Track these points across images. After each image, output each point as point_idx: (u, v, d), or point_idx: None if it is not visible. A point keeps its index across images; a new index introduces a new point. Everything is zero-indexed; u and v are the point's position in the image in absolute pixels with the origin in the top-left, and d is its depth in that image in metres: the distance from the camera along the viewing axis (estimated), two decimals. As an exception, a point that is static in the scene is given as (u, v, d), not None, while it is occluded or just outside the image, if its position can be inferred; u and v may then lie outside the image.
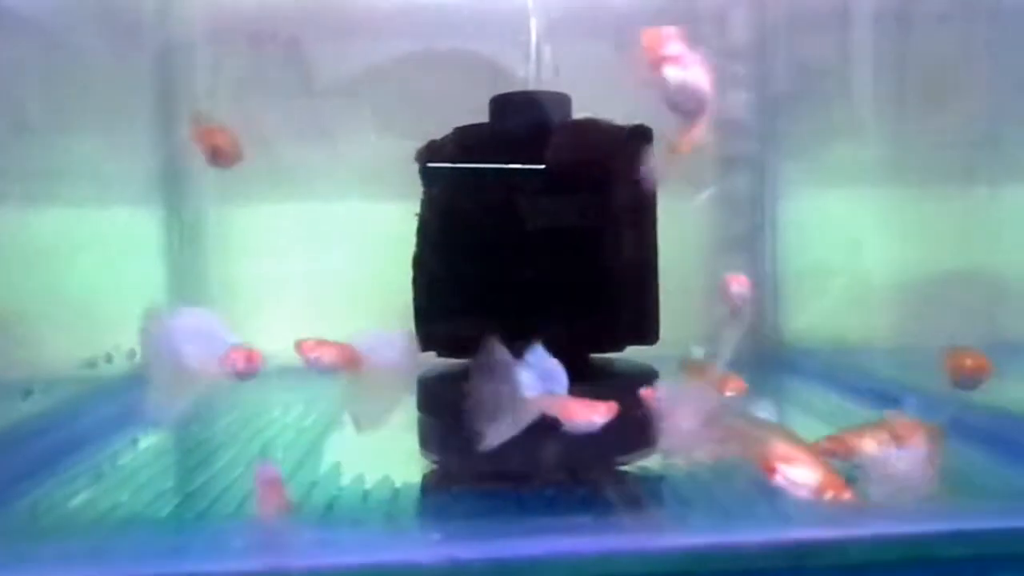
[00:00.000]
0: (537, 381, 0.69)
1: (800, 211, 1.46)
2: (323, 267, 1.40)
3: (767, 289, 1.43)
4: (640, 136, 0.92)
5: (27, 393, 0.83)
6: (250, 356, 0.68)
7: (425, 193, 0.94)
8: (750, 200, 1.48)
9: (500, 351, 0.68)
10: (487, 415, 0.69)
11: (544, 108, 0.92)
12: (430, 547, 0.49)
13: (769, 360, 1.32)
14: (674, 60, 0.68)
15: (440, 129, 0.93)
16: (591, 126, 0.90)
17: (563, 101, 0.92)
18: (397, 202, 0.93)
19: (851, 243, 1.32)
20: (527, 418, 0.67)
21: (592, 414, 0.66)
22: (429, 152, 0.94)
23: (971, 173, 1.25)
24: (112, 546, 0.50)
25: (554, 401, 0.66)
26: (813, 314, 1.35)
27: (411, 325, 0.92)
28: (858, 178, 1.36)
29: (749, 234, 1.46)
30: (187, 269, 1.36)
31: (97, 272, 1.15)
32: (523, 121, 0.91)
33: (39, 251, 1.05)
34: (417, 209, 0.94)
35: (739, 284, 0.90)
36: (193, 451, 0.85)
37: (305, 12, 1.44)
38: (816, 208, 1.44)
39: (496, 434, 0.66)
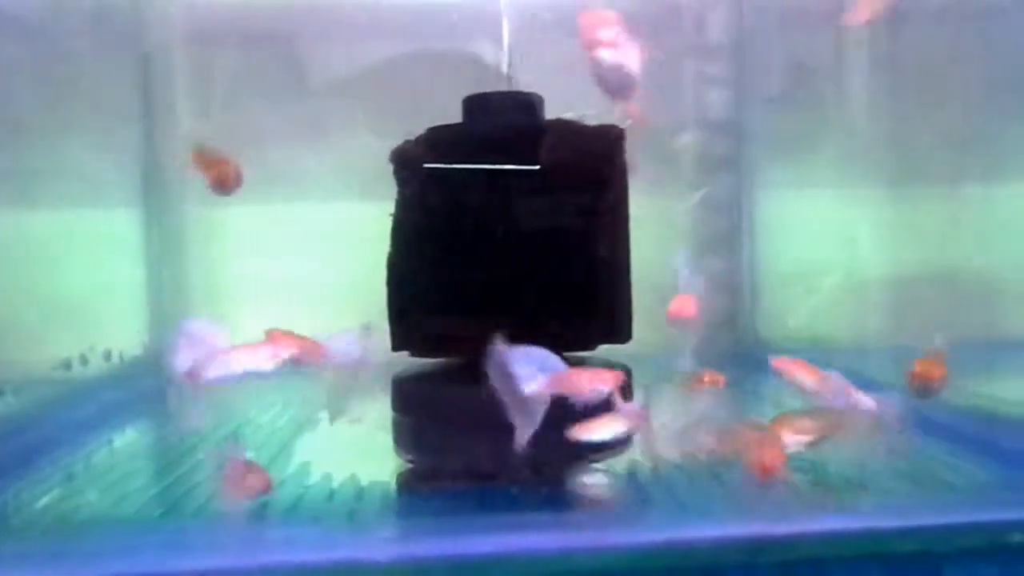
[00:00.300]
0: (536, 372, 0.69)
1: (780, 212, 1.47)
2: (306, 268, 1.40)
3: (746, 289, 1.44)
4: (612, 137, 0.93)
5: (-1, 393, 0.84)
6: None
7: (399, 193, 0.94)
8: (728, 201, 1.48)
9: (499, 353, 0.68)
10: (511, 414, 0.70)
11: (516, 109, 0.92)
12: (385, 544, 0.49)
13: (746, 359, 1.33)
14: (608, 43, 0.69)
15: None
16: (565, 127, 0.91)
17: (536, 102, 0.93)
18: (381, 202, 0.94)
19: (847, 241, 1.33)
20: (540, 408, 0.67)
21: (599, 384, 0.67)
22: (402, 153, 0.94)
23: (957, 173, 1.26)
24: (71, 547, 0.51)
25: (560, 379, 0.67)
26: (793, 313, 1.36)
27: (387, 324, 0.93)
28: (840, 178, 1.37)
29: (728, 234, 1.47)
30: (168, 270, 1.36)
31: (76, 273, 1.15)
32: (495, 121, 0.91)
33: (17, 252, 1.05)
34: (392, 210, 0.95)
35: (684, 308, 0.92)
36: (166, 452, 0.86)
37: (292, 12, 1.45)
38: (796, 208, 1.45)
39: (521, 432, 0.66)
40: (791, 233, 1.43)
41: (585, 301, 0.89)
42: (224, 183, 0.94)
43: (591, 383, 0.68)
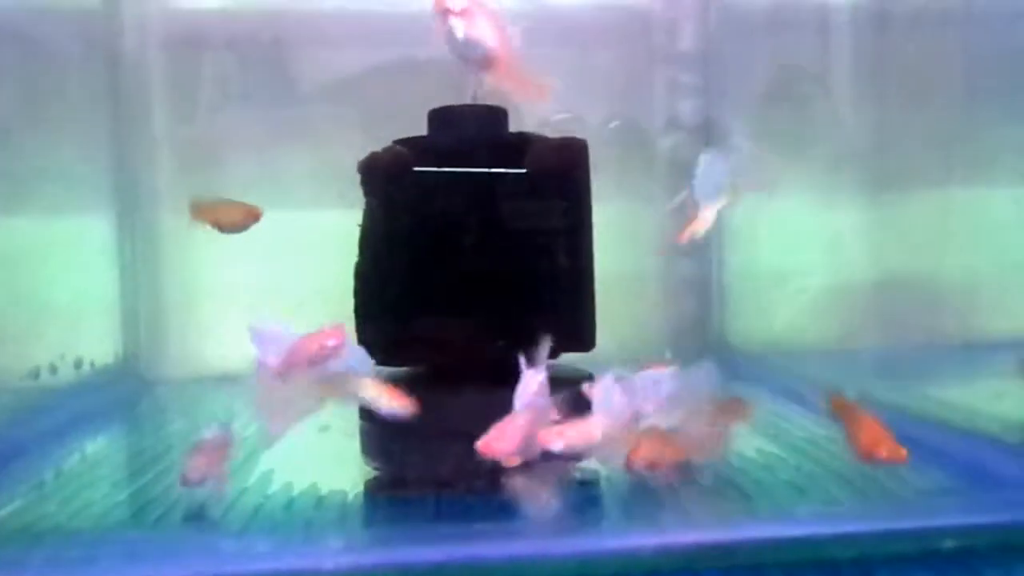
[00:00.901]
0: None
1: (752, 216, 1.49)
2: (282, 274, 1.40)
3: (715, 294, 1.46)
4: (575, 148, 0.95)
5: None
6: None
7: (366, 203, 0.96)
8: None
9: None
10: None
11: (481, 121, 0.94)
12: (335, 554, 0.50)
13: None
14: (459, 13, 0.69)
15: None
16: (527, 139, 0.93)
17: (500, 114, 0.94)
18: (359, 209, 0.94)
19: (824, 245, 1.34)
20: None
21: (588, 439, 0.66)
22: (369, 163, 0.96)
23: (939, 176, 1.28)
24: (27, 557, 0.52)
25: (548, 434, 0.66)
26: (767, 317, 1.38)
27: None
28: (815, 182, 1.38)
29: (698, 240, 1.49)
30: (142, 277, 1.36)
31: (48, 280, 1.15)
32: (459, 134, 0.93)
33: None
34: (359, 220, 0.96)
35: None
36: (132, 460, 0.86)
37: (273, 18, 1.45)
38: (770, 212, 1.47)
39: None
40: (764, 237, 1.45)
41: (547, 310, 0.91)
42: (226, 226, 0.96)
43: (582, 438, 0.66)
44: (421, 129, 0.95)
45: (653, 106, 1.53)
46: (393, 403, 0.72)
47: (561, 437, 0.65)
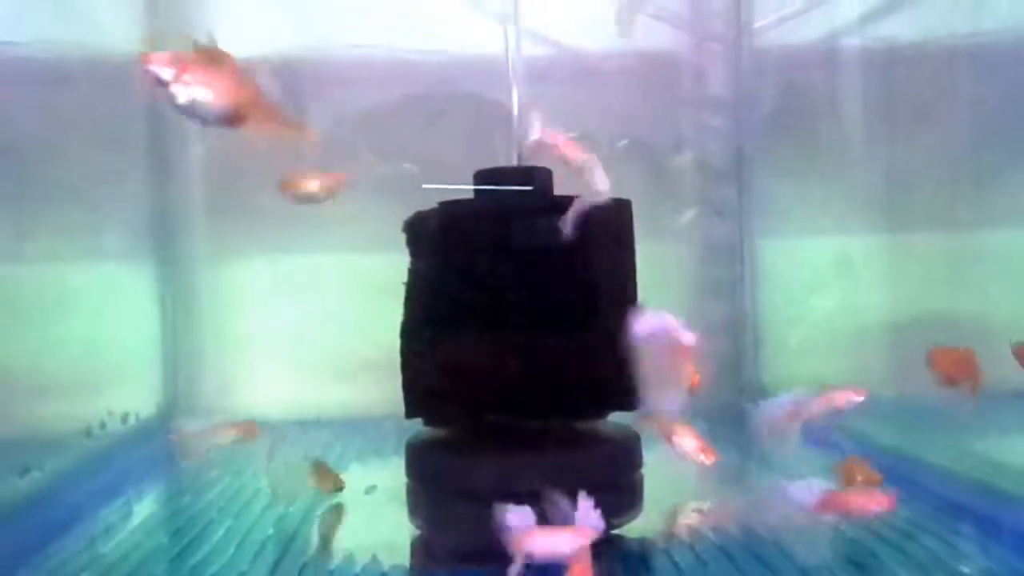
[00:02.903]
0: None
1: (778, 258, 1.50)
2: (313, 320, 1.42)
3: (747, 336, 1.46)
4: (620, 210, 0.96)
5: (24, 471, 0.85)
6: None
7: (411, 263, 0.97)
8: (728, 247, 1.51)
9: None
10: None
11: (525, 182, 0.95)
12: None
13: (748, 411, 1.35)
14: (174, 77, 0.62)
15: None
16: (573, 203, 0.93)
17: (544, 176, 0.95)
18: (390, 254, 0.95)
19: (848, 286, 1.34)
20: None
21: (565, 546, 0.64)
22: (414, 224, 0.97)
23: (950, 218, 1.28)
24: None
25: (521, 538, 0.64)
26: (790, 361, 1.38)
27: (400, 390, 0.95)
28: (840, 224, 1.39)
29: (729, 281, 1.50)
30: (180, 325, 1.38)
31: (90, 328, 1.17)
32: (505, 195, 0.94)
33: (30, 307, 1.06)
34: (405, 277, 0.97)
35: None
36: (185, 528, 0.86)
37: (305, 63, 1.47)
38: (796, 254, 1.48)
39: None
40: (797, 278, 1.45)
41: (594, 371, 0.91)
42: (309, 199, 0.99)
43: (556, 546, 0.64)
44: (461, 179, 0.96)
45: (681, 149, 1.54)
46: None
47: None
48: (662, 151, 1.53)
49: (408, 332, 0.96)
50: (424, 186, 1.40)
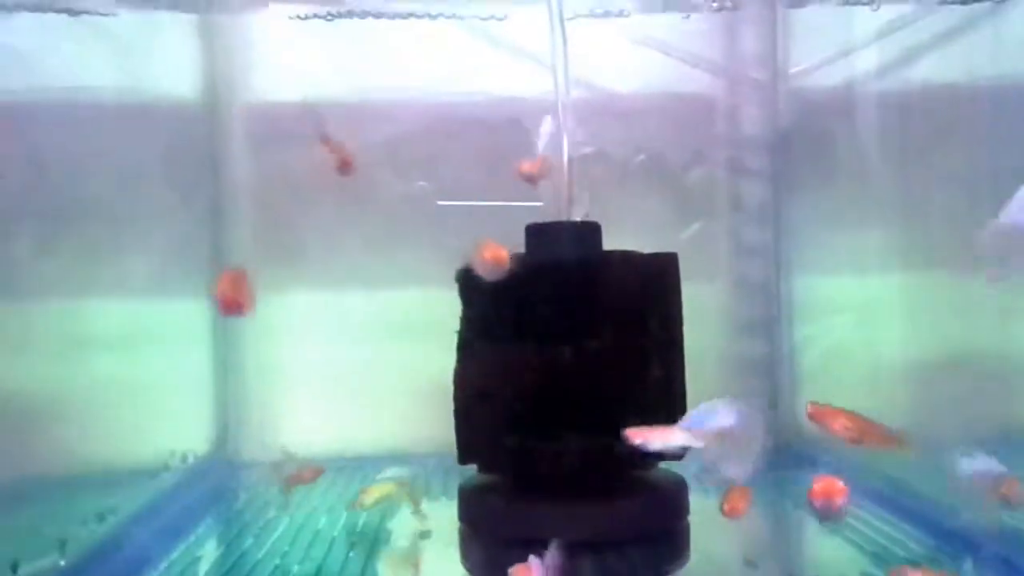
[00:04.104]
0: None
1: (816, 296, 1.51)
2: (366, 356, 1.45)
3: (784, 377, 1.48)
4: (667, 262, 0.99)
5: (101, 516, 0.88)
6: None
7: (463, 311, 1.00)
8: (764, 286, 1.53)
9: None
10: None
11: (575, 236, 0.98)
12: None
13: (787, 454, 1.36)
14: None
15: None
16: (623, 257, 0.96)
17: (594, 230, 0.99)
18: (438, 290, 0.99)
19: (887, 324, 1.35)
20: None
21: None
22: (467, 273, 1.00)
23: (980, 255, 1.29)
24: None
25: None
26: (829, 401, 1.39)
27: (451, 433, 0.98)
28: (873, 263, 1.41)
29: (765, 320, 1.52)
30: (229, 360, 1.41)
31: (152, 366, 1.20)
32: (556, 251, 0.97)
33: (90, 341, 1.10)
34: (457, 325, 1.00)
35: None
36: (254, 572, 0.89)
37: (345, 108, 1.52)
38: (835, 292, 1.49)
39: None
40: (830, 318, 1.46)
41: (642, 422, 0.94)
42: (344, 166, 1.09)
43: None
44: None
45: (715, 188, 1.57)
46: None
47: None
48: (700, 194, 1.55)
49: (460, 379, 0.99)
50: (439, 203, 1.45)
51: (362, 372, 1.47)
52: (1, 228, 0.93)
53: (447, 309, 0.98)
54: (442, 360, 0.98)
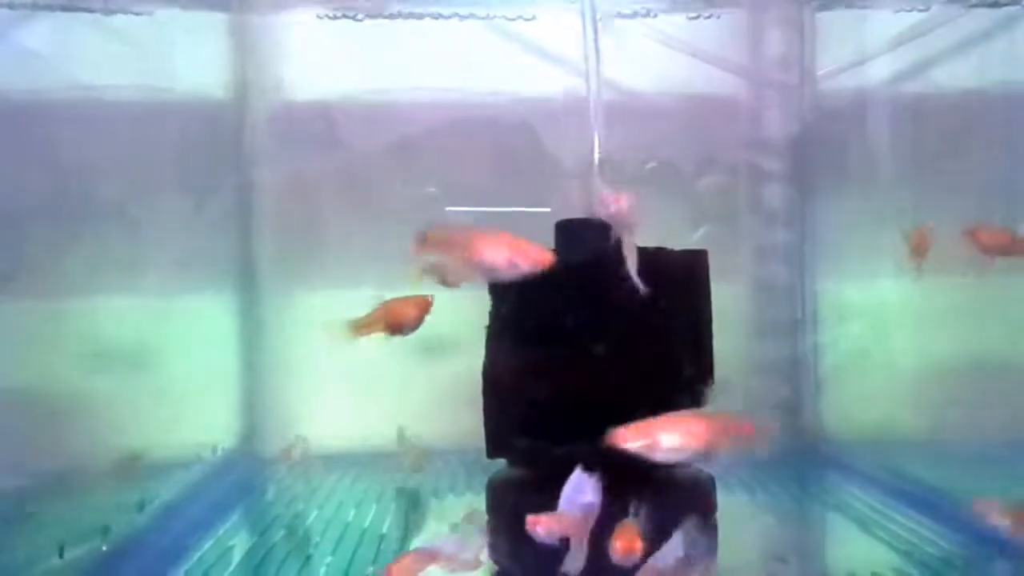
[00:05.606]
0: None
1: (840, 300, 1.51)
2: (379, 355, 1.45)
3: (807, 379, 1.47)
4: (697, 260, 1.00)
5: (141, 506, 0.90)
6: None
7: (493, 307, 1.01)
8: (788, 289, 1.53)
9: None
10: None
11: (604, 233, 0.99)
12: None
13: (810, 455, 1.36)
14: None
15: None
16: (653, 254, 0.97)
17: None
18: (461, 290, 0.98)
19: (914, 330, 1.34)
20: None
21: None
22: (497, 270, 1.01)
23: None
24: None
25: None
26: (852, 405, 1.39)
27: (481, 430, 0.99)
28: (898, 267, 1.40)
29: (789, 323, 1.52)
30: (255, 356, 1.42)
31: (185, 360, 1.22)
32: (585, 248, 0.98)
33: (119, 340, 1.12)
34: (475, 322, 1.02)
35: None
36: (287, 561, 0.89)
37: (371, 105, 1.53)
38: (855, 297, 1.49)
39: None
40: (854, 322, 1.46)
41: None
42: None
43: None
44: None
45: (738, 192, 1.57)
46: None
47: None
48: (722, 199, 1.56)
49: (489, 374, 1.00)
50: (448, 209, 1.46)
51: (384, 369, 1.48)
52: (40, 230, 0.95)
53: (468, 307, 0.99)
54: (462, 357, 1.00)
